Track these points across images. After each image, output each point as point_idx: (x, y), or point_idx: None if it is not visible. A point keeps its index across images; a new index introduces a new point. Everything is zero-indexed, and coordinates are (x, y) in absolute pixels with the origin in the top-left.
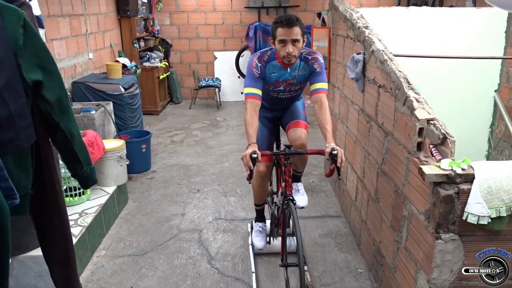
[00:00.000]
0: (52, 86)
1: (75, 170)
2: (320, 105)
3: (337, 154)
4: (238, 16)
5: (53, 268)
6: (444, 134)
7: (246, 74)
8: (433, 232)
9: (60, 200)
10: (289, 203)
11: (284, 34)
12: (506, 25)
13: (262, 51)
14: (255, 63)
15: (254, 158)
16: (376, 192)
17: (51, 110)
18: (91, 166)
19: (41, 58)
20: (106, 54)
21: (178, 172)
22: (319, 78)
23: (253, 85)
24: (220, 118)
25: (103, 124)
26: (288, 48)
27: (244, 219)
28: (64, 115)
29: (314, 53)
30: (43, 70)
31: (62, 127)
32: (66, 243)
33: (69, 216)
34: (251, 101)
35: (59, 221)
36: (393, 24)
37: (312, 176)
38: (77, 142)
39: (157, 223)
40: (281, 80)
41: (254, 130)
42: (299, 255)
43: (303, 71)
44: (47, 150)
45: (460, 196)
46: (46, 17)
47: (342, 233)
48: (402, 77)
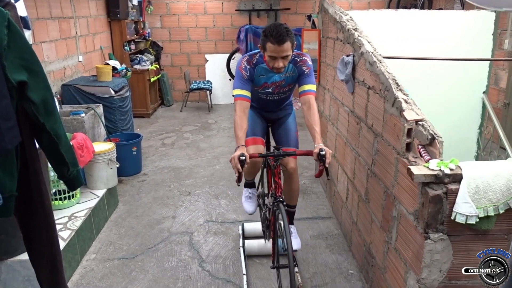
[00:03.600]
0: (37, 87)
1: (61, 172)
2: (309, 106)
3: (325, 155)
4: (229, 19)
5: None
6: (433, 134)
7: (235, 76)
8: (422, 232)
9: (46, 202)
10: (279, 205)
11: (275, 51)
12: (493, 28)
13: (251, 54)
14: (244, 65)
15: (242, 160)
16: (366, 193)
17: (36, 111)
18: (77, 168)
19: (26, 59)
20: (96, 57)
21: (169, 174)
22: (307, 80)
23: (242, 87)
24: (211, 121)
25: (93, 127)
26: (279, 63)
27: (235, 221)
28: (49, 116)
29: (303, 55)
30: (28, 71)
31: (47, 128)
32: (52, 246)
33: (58, 219)
34: (240, 103)
35: (45, 224)
36: (382, 26)
37: (303, 178)
38: (63, 143)
39: (148, 226)
40: (270, 83)
41: (243, 132)
42: (289, 256)
43: (291, 73)
44: (32, 152)
45: (449, 196)
46: (35, 20)
47: (333, 235)
48: (391, 78)
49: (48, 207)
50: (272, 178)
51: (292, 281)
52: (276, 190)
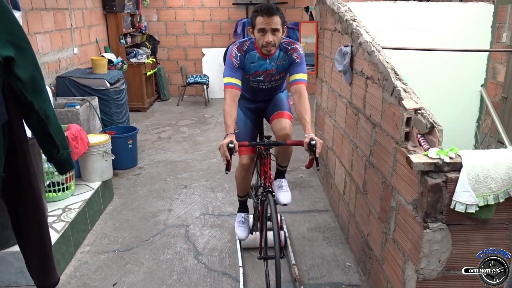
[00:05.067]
0: (25, 64)
1: (50, 154)
2: (299, 95)
3: (315, 144)
4: (226, 12)
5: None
6: (432, 123)
7: (225, 64)
8: (421, 221)
9: (35, 184)
10: (268, 195)
11: (264, 23)
12: (492, 20)
13: (241, 41)
14: (235, 53)
15: (231, 148)
16: (364, 185)
17: (24, 89)
18: (68, 150)
19: (14, 34)
20: (92, 50)
21: (165, 168)
22: (298, 69)
23: (232, 75)
24: (208, 115)
25: (88, 119)
26: (268, 37)
27: (231, 214)
28: (38, 95)
29: (294, 43)
30: (15, 47)
31: (36, 107)
32: (41, 231)
33: (52, 211)
34: (230, 91)
35: (34, 206)
36: (380, 18)
37: (300, 171)
38: (52, 124)
39: (143, 219)
40: (261, 71)
41: (232, 120)
42: (275, 248)
43: (282, 61)
44: (20, 132)
45: (448, 185)
46: (29, 10)
47: (330, 227)
48: (390, 68)
49: (37, 189)
50: (262, 167)
51: (277, 272)
52: (265, 180)
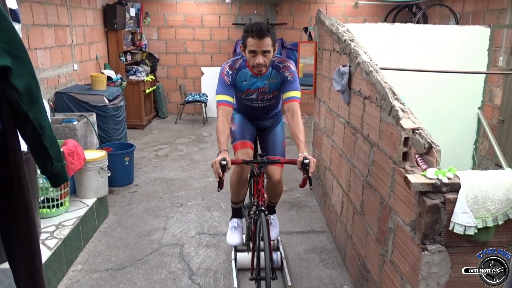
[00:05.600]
0: (22, 74)
1: (44, 166)
2: (293, 113)
3: (308, 163)
4: (226, 32)
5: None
6: (430, 143)
7: (218, 82)
8: (419, 243)
9: (27, 197)
10: (260, 214)
11: (255, 45)
12: (488, 43)
13: (233, 59)
14: (226, 70)
15: (224, 165)
16: (361, 205)
17: (19, 99)
18: (62, 163)
19: (11, 43)
20: (92, 66)
21: (162, 186)
22: (291, 86)
23: (225, 92)
24: (206, 133)
25: (85, 135)
26: (259, 59)
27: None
28: (33, 105)
29: (286, 61)
30: (12, 56)
31: (31, 118)
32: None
33: (46, 228)
34: (222, 108)
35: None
36: (378, 39)
37: (297, 191)
38: (47, 135)
39: (138, 237)
40: (253, 89)
41: (225, 138)
42: (266, 269)
43: (274, 79)
44: (14, 143)
45: (446, 206)
46: (31, 26)
47: (327, 249)
48: (387, 88)
49: (29, 203)
50: (256, 186)
51: None
52: (258, 199)
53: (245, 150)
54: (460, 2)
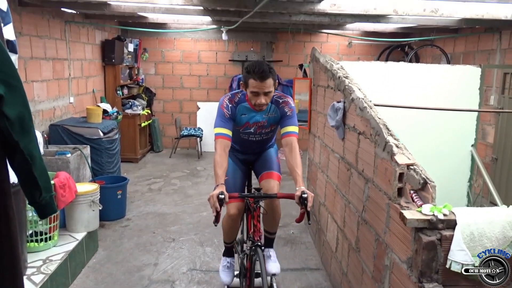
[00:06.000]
0: (14, 103)
1: (32, 196)
2: (291, 148)
3: (307, 198)
4: (223, 68)
5: None
6: (425, 178)
7: (216, 115)
8: (416, 281)
9: (12, 228)
10: (257, 249)
11: (257, 87)
12: (479, 83)
13: (233, 93)
14: (226, 103)
15: (221, 199)
16: (357, 242)
17: (10, 127)
18: (51, 194)
19: (4, 72)
20: (88, 99)
21: (154, 220)
22: (289, 121)
23: (223, 125)
24: (200, 168)
25: (78, 168)
26: (261, 99)
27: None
28: (25, 134)
29: (285, 97)
30: (5, 85)
31: (21, 147)
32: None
33: (32, 262)
34: (220, 141)
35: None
36: (372, 77)
37: (292, 227)
38: (37, 165)
39: (127, 273)
40: (252, 122)
41: (223, 171)
42: None
43: (273, 114)
44: (3, 172)
45: (443, 243)
46: (29, 59)
47: (322, 287)
48: (382, 123)
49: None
50: (252, 221)
51: None
52: (254, 234)
53: (236, 205)
54: (451, 43)
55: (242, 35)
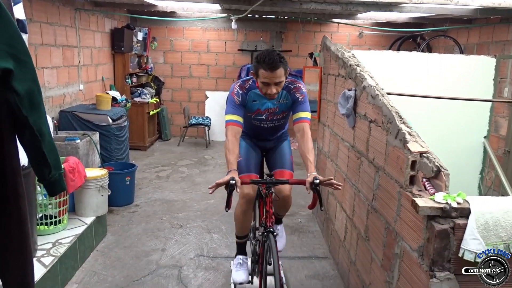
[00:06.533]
0: (24, 78)
1: (42, 174)
2: (302, 134)
3: (319, 183)
4: (231, 57)
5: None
6: (438, 166)
7: (227, 102)
8: (427, 270)
9: (22, 206)
10: (269, 235)
11: (268, 77)
12: (494, 73)
13: (243, 79)
14: (236, 90)
15: (232, 185)
16: (366, 230)
17: (20, 103)
18: (60, 171)
19: (14, 47)
20: (97, 87)
21: (162, 207)
22: (301, 107)
23: (234, 112)
24: (208, 156)
25: (88, 154)
26: (271, 89)
27: (227, 257)
28: (34, 110)
29: (297, 82)
30: (15, 60)
31: (30, 122)
32: (25, 256)
33: (42, 245)
34: (231, 128)
35: (19, 230)
36: (383, 67)
37: (299, 216)
38: (46, 142)
39: (135, 258)
40: (263, 109)
41: (234, 157)
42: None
43: (285, 100)
44: (12, 149)
45: (456, 232)
46: (39, 45)
47: (329, 275)
48: (394, 111)
49: (24, 212)
50: (264, 207)
51: None
52: (266, 220)
53: (251, 186)
54: (464, 33)
55: (251, 24)
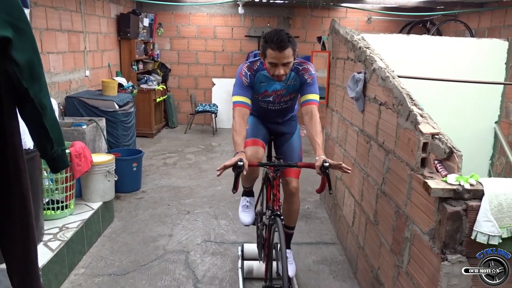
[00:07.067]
0: (23, 48)
1: (44, 149)
2: (311, 116)
3: (329, 166)
4: (238, 44)
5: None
6: (451, 148)
7: (234, 83)
8: (438, 253)
9: (24, 181)
10: (276, 219)
11: (275, 58)
12: (506, 57)
13: (251, 60)
14: (244, 71)
15: (240, 166)
16: (375, 215)
17: (19, 73)
18: (63, 147)
19: (13, 15)
20: (103, 73)
21: (169, 193)
22: (310, 89)
23: (242, 93)
24: (215, 143)
25: (94, 140)
26: (279, 70)
27: (234, 243)
28: (34, 81)
29: (305, 63)
30: (14, 28)
31: (31, 95)
32: (27, 233)
33: (49, 229)
34: (239, 109)
35: (21, 206)
36: (393, 50)
37: (307, 202)
38: (48, 116)
39: (143, 243)
40: (270, 91)
41: (242, 139)
42: (283, 278)
43: (293, 81)
44: (12, 123)
45: (468, 214)
46: (44, 30)
47: (337, 261)
48: (405, 93)
49: (26, 188)
50: (271, 190)
51: None
52: (274, 203)
53: (255, 148)
54: (475, 17)
55: (258, 10)
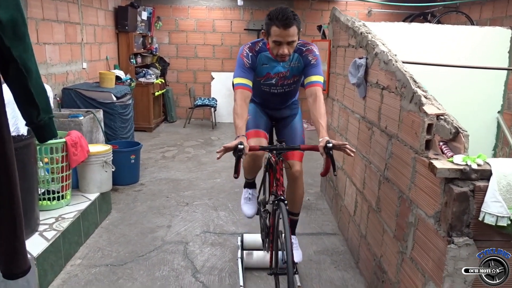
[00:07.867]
0: (6, 4)
1: (29, 116)
2: (315, 98)
3: (332, 147)
4: (237, 37)
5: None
6: (457, 128)
7: (236, 65)
8: (444, 235)
9: (8, 152)
10: (280, 204)
11: (280, 35)
12: (509, 45)
13: (253, 41)
14: (246, 52)
15: (241, 149)
16: (377, 202)
17: (2, 31)
18: (50, 115)
19: None
20: (101, 66)
21: (168, 186)
22: (314, 71)
23: (243, 75)
24: (214, 137)
25: (91, 131)
26: (283, 49)
27: (234, 233)
28: (18, 41)
29: (309, 44)
30: None
31: (14, 55)
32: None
33: (45, 220)
34: (241, 92)
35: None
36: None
37: (308, 194)
38: (33, 80)
39: (141, 234)
40: (273, 73)
41: (243, 122)
42: (288, 262)
43: (296, 63)
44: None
45: (476, 195)
46: (40, 20)
47: (338, 251)
48: (408, 75)
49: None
50: (274, 175)
51: None
52: (277, 188)
53: (258, 139)
54: (477, 8)
55: (258, 3)
